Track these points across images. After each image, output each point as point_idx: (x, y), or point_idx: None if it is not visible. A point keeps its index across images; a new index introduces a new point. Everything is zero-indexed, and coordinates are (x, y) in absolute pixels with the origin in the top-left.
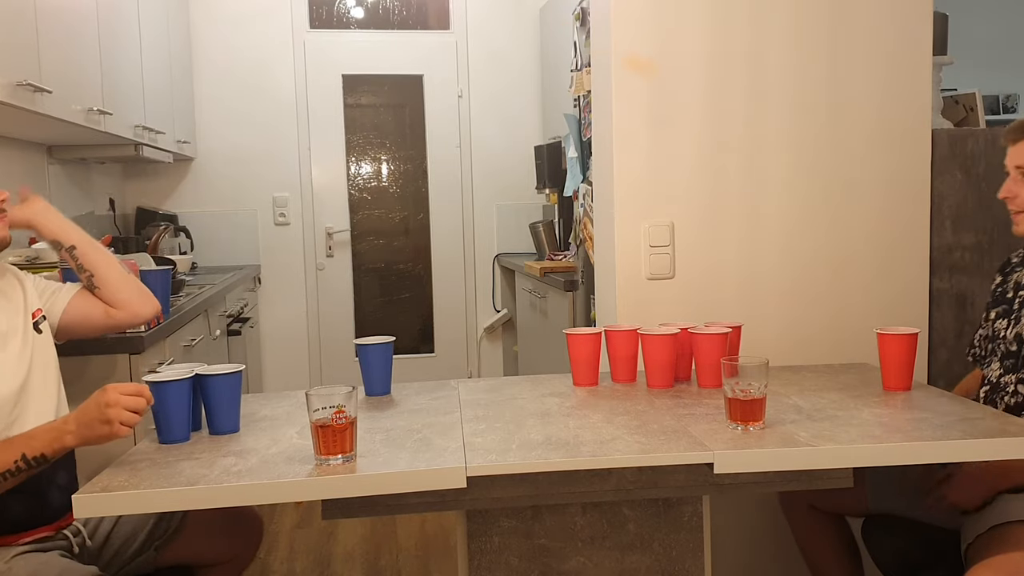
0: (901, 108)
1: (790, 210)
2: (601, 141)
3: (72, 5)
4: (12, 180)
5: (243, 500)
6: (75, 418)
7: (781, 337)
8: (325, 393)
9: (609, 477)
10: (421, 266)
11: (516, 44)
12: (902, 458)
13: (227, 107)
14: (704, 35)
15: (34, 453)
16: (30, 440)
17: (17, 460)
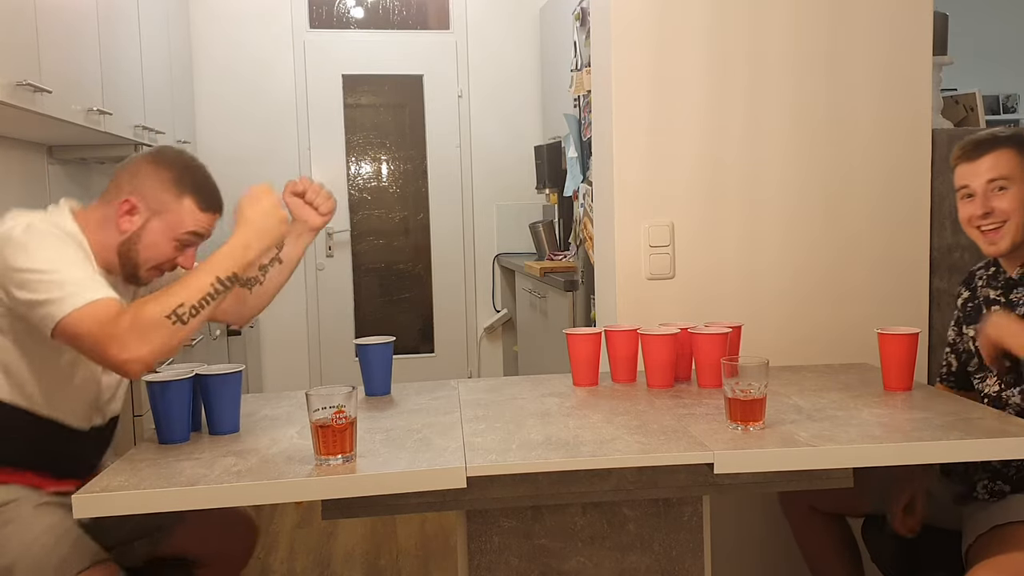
0: (901, 108)
1: (790, 210)
2: (601, 141)
3: (72, 5)
4: (12, 180)
5: (243, 500)
6: (248, 232)
7: (781, 337)
8: (325, 393)
9: (609, 477)
10: (421, 266)
11: (516, 44)
12: (902, 458)
13: (227, 107)
14: (704, 35)
15: (226, 273)
16: (217, 263)
17: (213, 283)
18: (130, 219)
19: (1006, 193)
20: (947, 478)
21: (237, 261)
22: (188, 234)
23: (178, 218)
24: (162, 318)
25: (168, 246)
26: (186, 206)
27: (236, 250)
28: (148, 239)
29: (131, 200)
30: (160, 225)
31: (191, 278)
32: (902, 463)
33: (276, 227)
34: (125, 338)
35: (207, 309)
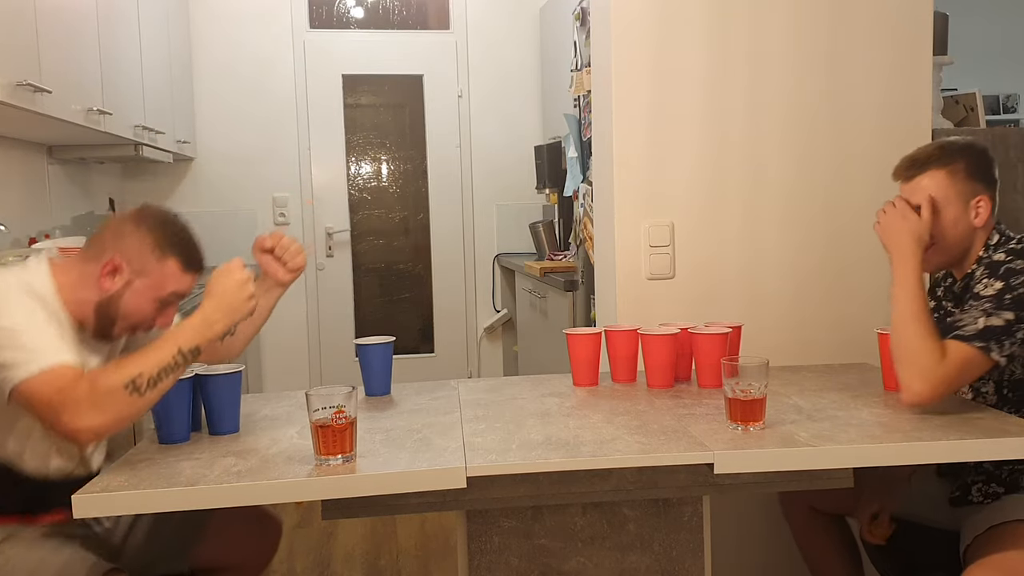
0: (901, 108)
1: (790, 210)
2: (601, 141)
3: (72, 5)
4: (12, 180)
5: (243, 500)
6: (216, 306)
7: (781, 337)
8: (325, 393)
9: (609, 477)
10: (421, 266)
11: (516, 44)
12: (902, 458)
13: (227, 107)
14: (704, 35)
15: (189, 345)
16: (181, 334)
17: (174, 354)
18: (112, 279)
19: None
20: (942, 480)
21: (201, 335)
22: (170, 295)
23: (160, 280)
24: (119, 388)
25: (149, 307)
26: (169, 268)
27: (201, 324)
28: (129, 300)
29: (115, 261)
30: (142, 286)
31: (153, 349)
32: (902, 463)
33: (243, 304)
34: (80, 406)
35: (166, 381)
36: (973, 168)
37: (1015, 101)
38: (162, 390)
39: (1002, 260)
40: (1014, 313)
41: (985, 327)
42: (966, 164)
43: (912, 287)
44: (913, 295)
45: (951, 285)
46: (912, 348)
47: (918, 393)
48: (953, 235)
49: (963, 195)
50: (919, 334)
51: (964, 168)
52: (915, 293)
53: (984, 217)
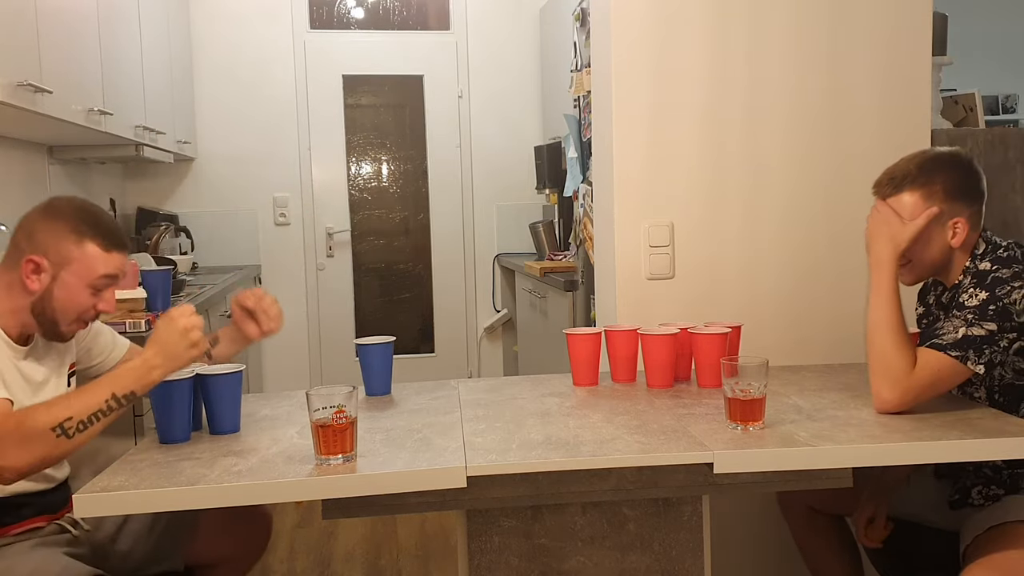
0: (901, 108)
1: (790, 209)
2: (601, 141)
3: (72, 5)
4: (12, 180)
5: (243, 500)
6: (157, 352)
7: (781, 337)
8: (325, 393)
9: (609, 477)
10: (421, 266)
11: (516, 44)
12: (902, 458)
13: (227, 107)
14: (704, 36)
15: (124, 391)
16: (116, 379)
17: (107, 399)
18: (37, 278)
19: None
20: (940, 482)
21: (138, 381)
22: (101, 278)
23: (85, 265)
24: (47, 430)
25: (84, 295)
26: (90, 251)
27: (139, 370)
28: (61, 294)
29: (33, 259)
30: (70, 277)
31: (86, 392)
32: (902, 463)
33: (185, 352)
34: (4, 443)
35: (96, 426)
36: (952, 187)
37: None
38: (92, 434)
39: (988, 270)
40: (996, 324)
41: (964, 336)
42: (944, 183)
43: (886, 294)
44: (886, 303)
45: (941, 294)
46: (883, 356)
47: (886, 401)
48: (928, 255)
49: (939, 217)
50: (890, 343)
51: (942, 188)
52: (888, 300)
53: (961, 238)
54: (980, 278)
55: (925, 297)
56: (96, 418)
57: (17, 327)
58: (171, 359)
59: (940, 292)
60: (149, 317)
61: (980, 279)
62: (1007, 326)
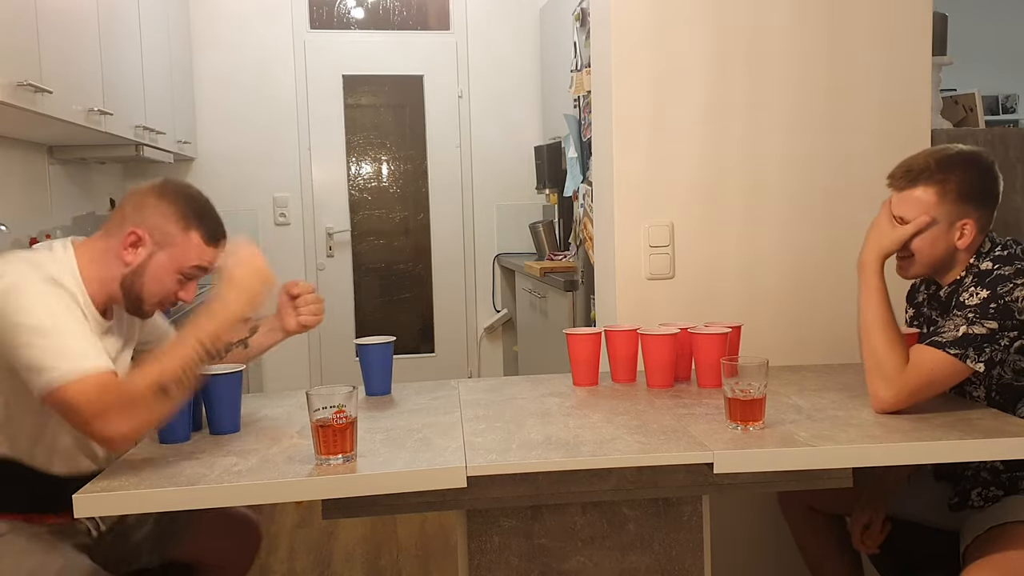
0: (900, 108)
1: (790, 209)
2: (601, 141)
3: (72, 5)
4: (12, 180)
5: (244, 500)
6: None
7: (781, 337)
8: (325, 393)
9: (609, 477)
10: (421, 266)
11: (516, 44)
12: (902, 458)
13: (227, 107)
14: (704, 36)
15: (207, 334)
16: (197, 326)
17: (195, 346)
18: (135, 251)
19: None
20: (940, 484)
21: (220, 321)
22: (193, 268)
23: (184, 252)
24: (146, 391)
25: (171, 280)
26: (193, 240)
27: (219, 309)
28: (152, 273)
29: (137, 232)
30: (165, 259)
31: (173, 346)
32: (902, 463)
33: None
34: (110, 414)
35: (191, 375)
36: (967, 187)
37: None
38: (190, 385)
39: (989, 269)
40: (998, 322)
41: (964, 334)
42: (959, 183)
43: (874, 295)
44: (875, 303)
45: (935, 292)
46: (875, 356)
47: (883, 400)
48: (932, 253)
49: (949, 216)
50: (881, 341)
51: (956, 187)
52: (877, 301)
53: (968, 240)
54: (981, 277)
55: (914, 298)
56: (190, 368)
57: (103, 297)
58: (248, 295)
59: (933, 290)
60: None
61: (981, 278)
62: (1008, 324)
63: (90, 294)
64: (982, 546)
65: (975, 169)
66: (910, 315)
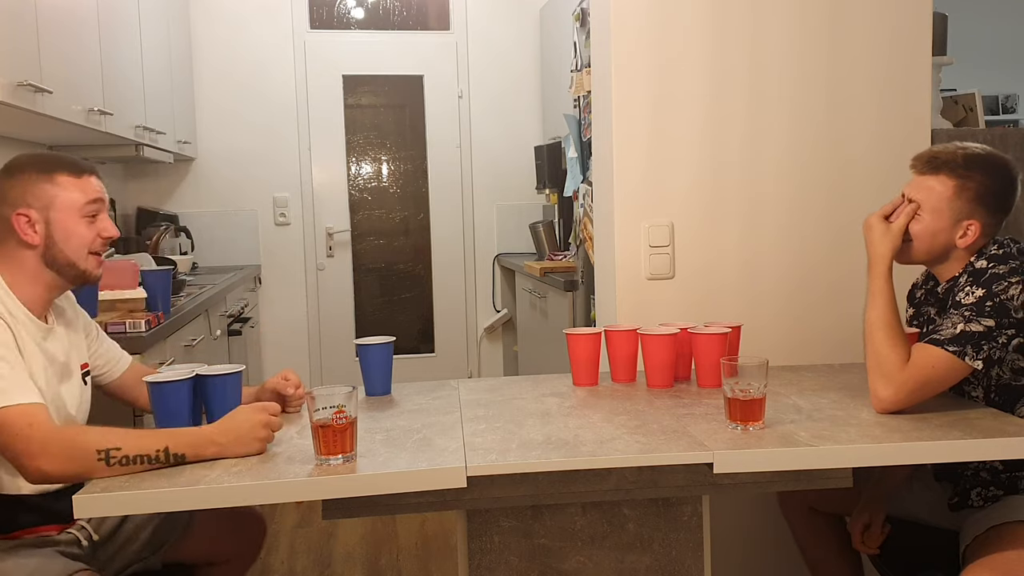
0: (901, 108)
1: (790, 209)
2: (601, 141)
3: (72, 5)
4: None
5: (243, 500)
6: (223, 432)
7: (781, 337)
8: (325, 393)
9: (609, 477)
10: (421, 266)
11: (516, 44)
12: (902, 458)
13: (227, 107)
14: (704, 37)
15: (176, 449)
16: (176, 436)
17: (160, 449)
18: (33, 231)
19: (919, 219)
20: (940, 484)
21: (193, 447)
22: (88, 204)
23: (67, 196)
24: (93, 449)
25: (81, 226)
26: (65, 182)
27: (199, 438)
28: (60, 234)
29: (20, 212)
30: (60, 214)
31: (144, 434)
32: (902, 463)
33: (249, 445)
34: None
35: (137, 467)
36: (985, 191)
37: (1014, 101)
38: (128, 472)
39: (984, 267)
40: (994, 320)
41: (962, 332)
42: (980, 184)
43: (880, 293)
44: (880, 304)
45: (933, 288)
46: (877, 354)
47: (883, 399)
48: (930, 244)
49: (957, 213)
50: (886, 341)
51: (975, 188)
52: (882, 299)
53: (969, 240)
54: (976, 275)
55: (914, 297)
56: (141, 460)
57: (41, 298)
58: (232, 444)
59: (932, 287)
60: (149, 317)
61: (976, 276)
62: (1005, 322)
63: (23, 301)
64: (982, 546)
65: (998, 176)
66: (910, 314)
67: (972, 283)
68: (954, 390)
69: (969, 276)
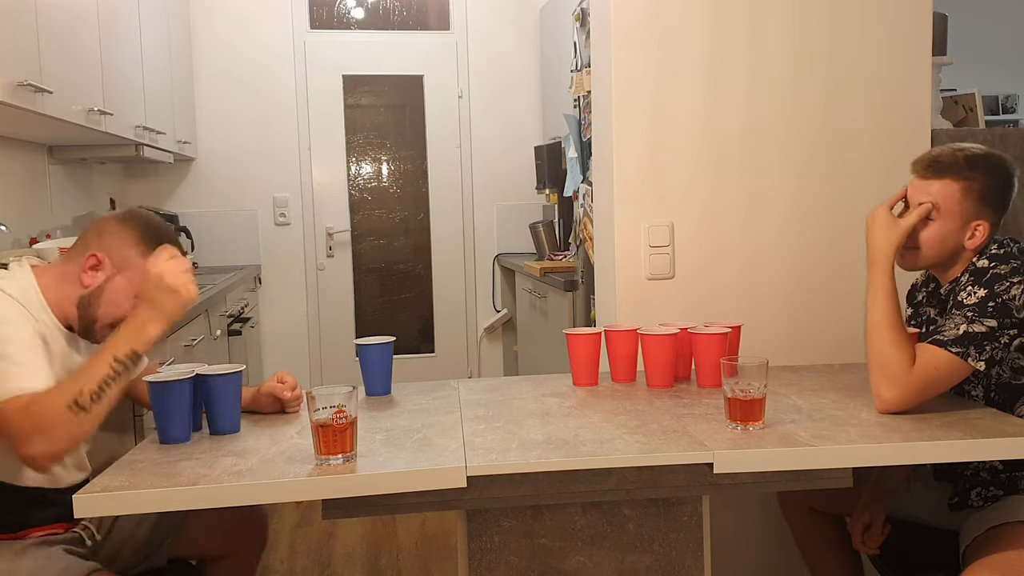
0: (901, 108)
1: (790, 209)
2: (601, 141)
3: (72, 5)
4: (12, 180)
5: (244, 500)
6: (146, 306)
7: (781, 337)
8: (325, 393)
9: (609, 477)
10: (421, 266)
11: (516, 44)
12: (902, 458)
13: (227, 107)
14: (703, 37)
15: (123, 351)
16: (113, 342)
17: (110, 363)
18: (94, 274)
19: (930, 224)
20: (940, 484)
21: (135, 337)
22: None
23: (142, 276)
24: (62, 409)
25: (128, 303)
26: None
27: (132, 327)
28: (110, 296)
29: (97, 255)
30: (123, 282)
31: (89, 364)
32: (902, 463)
33: (170, 300)
34: (28, 435)
35: (109, 392)
36: (988, 191)
37: (1014, 101)
38: (109, 401)
39: (985, 267)
40: (997, 320)
41: (965, 333)
42: (983, 185)
43: (883, 293)
44: (884, 302)
45: (934, 289)
46: (881, 355)
47: (886, 401)
48: (940, 248)
49: (966, 214)
50: (889, 342)
51: (979, 188)
52: (886, 300)
53: (979, 241)
54: (978, 275)
55: (914, 298)
56: (107, 384)
57: (61, 317)
58: (159, 310)
59: (934, 288)
60: None
61: (978, 276)
62: (1007, 322)
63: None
64: (982, 546)
65: (1000, 175)
66: (909, 314)
67: (973, 283)
68: (954, 390)
69: (970, 276)
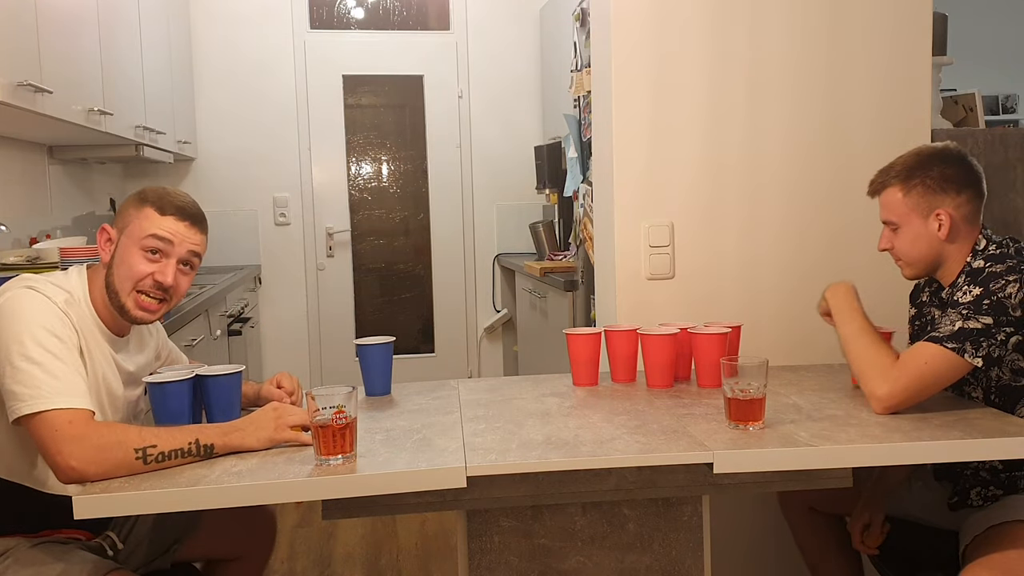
0: (901, 108)
1: (790, 210)
2: (601, 141)
3: (72, 5)
4: (12, 180)
5: (244, 500)
6: (247, 423)
7: (781, 337)
8: (325, 393)
9: (609, 477)
10: (421, 266)
11: (516, 44)
12: (902, 458)
13: (227, 108)
14: (704, 36)
15: (206, 441)
16: (204, 429)
17: (191, 442)
18: (108, 247)
19: (897, 233)
20: (940, 484)
21: (221, 437)
22: (150, 238)
23: (138, 224)
24: (131, 448)
25: (136, 258)
26: (145, 213)
27: (231, 432)
28: (119, 258)
29: (106, 228)
30: (126, 239)
31: (175, 429)
32: (902, 463)
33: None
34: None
35: (171, 462)
36: (933, 182)
37: (1014, 101)
38: (164, 467)
39: (981, 267)
40: (992, 317)
41: (960, 329)
42: (924, 179)
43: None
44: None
45: (937, 290)
46: (864, 359)
47: (881, 398)
48: (916, 251)
49: (920, 210)
50: (870, 345)
51: (922, 184)
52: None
53: (948, 229)
54: (974, 275)
55: (916, 297)
56: (175, 455)
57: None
58: (253, 432)
59: (936, 288)
60: None
61: (974, 276)
62: (1003, 320)
63: (98, 312)
64: (981, 546)
65: (942, 162)
66: (912, 314)
67: (970, 282)
68: (954, 391)
69: (967, 276)
